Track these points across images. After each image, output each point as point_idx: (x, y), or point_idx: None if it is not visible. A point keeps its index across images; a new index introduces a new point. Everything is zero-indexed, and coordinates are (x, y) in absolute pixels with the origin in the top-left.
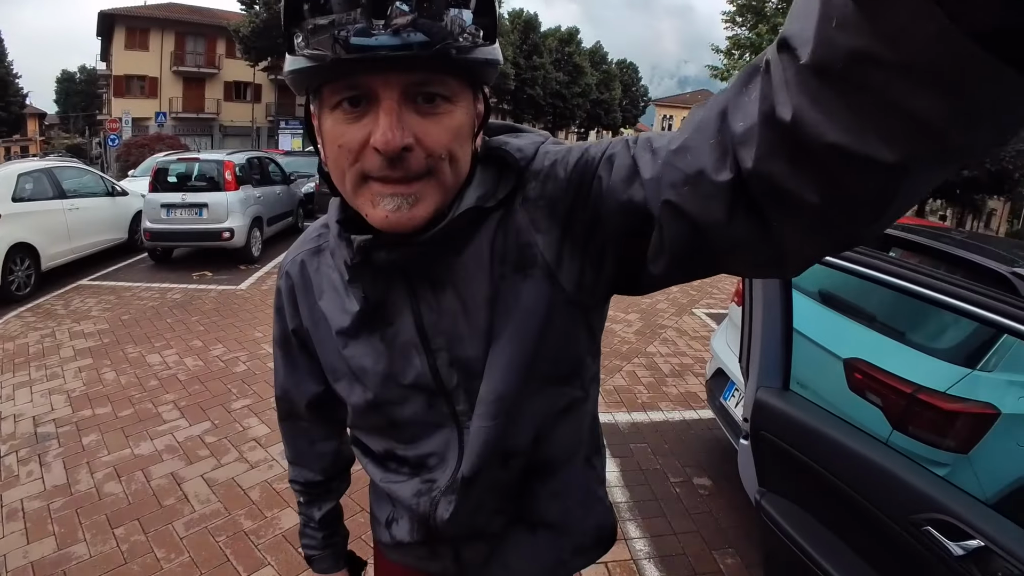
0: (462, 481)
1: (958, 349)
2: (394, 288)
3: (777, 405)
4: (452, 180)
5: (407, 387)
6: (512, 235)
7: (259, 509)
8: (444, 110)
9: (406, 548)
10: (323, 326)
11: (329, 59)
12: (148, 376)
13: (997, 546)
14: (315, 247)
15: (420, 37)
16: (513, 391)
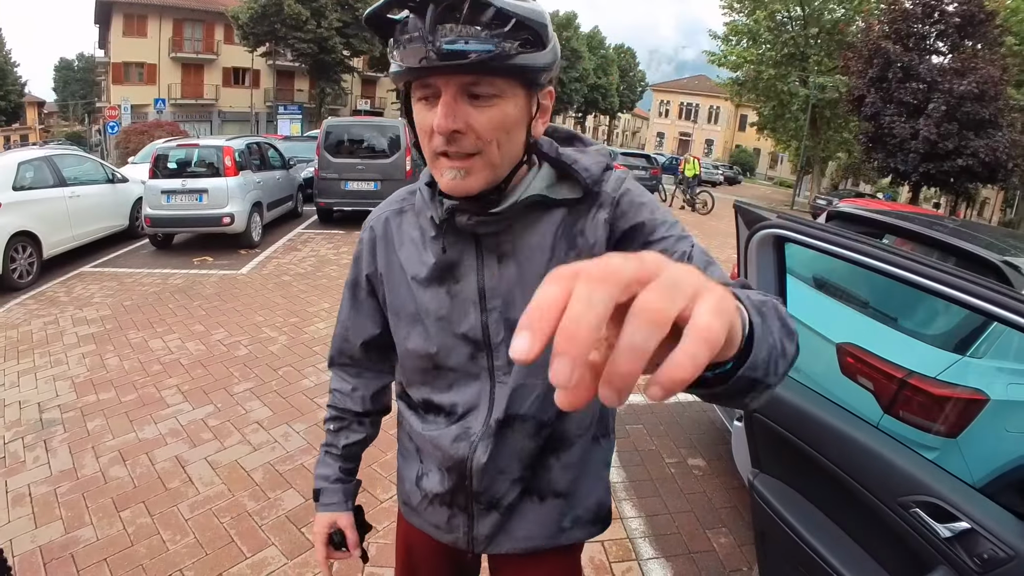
0: (496, 426)
1: (949, 336)
2: (466, 252)
3: None
4: (500, 160)
5: (459, 336)
6: (580, 233)
7: (262, 490)
8: (491, 104)
9: (430, 508)
10: (398, 272)
11: (405, 68)
12: (151, 361)
13: (983, 528)
14: (399, 208)
15: (464, 49)
16: None
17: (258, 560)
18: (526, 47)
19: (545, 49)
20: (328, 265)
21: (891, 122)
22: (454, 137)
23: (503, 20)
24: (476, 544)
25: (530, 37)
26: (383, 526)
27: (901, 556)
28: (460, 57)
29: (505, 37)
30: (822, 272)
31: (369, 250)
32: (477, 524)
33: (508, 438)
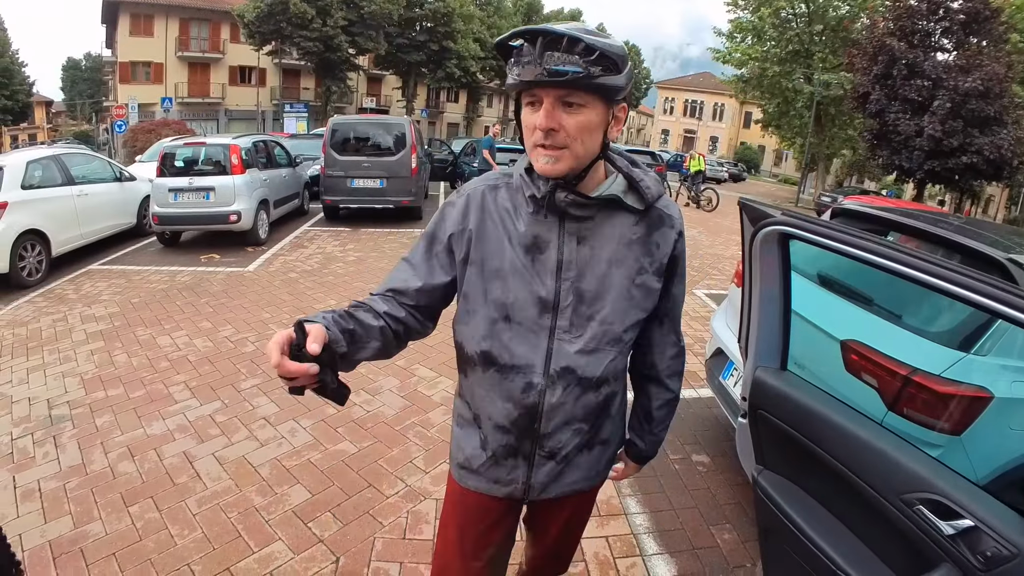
0: (557, 376)
1: (953, 333)
2: (552, 230)
3: (775, 385)
4: (582, 153)
5: (534, 296)
6: (656, 245)
7: (269, 486)
8: (578, 112)
9: (494, 466)
10: (491, 234)
11: (520, 82)
12: (159, 358)
13: (987, 526)
14: (495, 184)
15: (561, 70)
16: (618, 316)
17: (265, 555)
18: (607, 72)
19: (621, 74)
20: (334, 262)
21: (896, 119)
22: (550, 133)
23: (590, 51)
24: (531, 492)
25: (610, 65)
26: (389, 520)
27: (904, 553)
28: (558, 76)
29: (591, 64)
30: (827, 269)
31: (461, 212)
32: (535, 473)
33: (573, 391)
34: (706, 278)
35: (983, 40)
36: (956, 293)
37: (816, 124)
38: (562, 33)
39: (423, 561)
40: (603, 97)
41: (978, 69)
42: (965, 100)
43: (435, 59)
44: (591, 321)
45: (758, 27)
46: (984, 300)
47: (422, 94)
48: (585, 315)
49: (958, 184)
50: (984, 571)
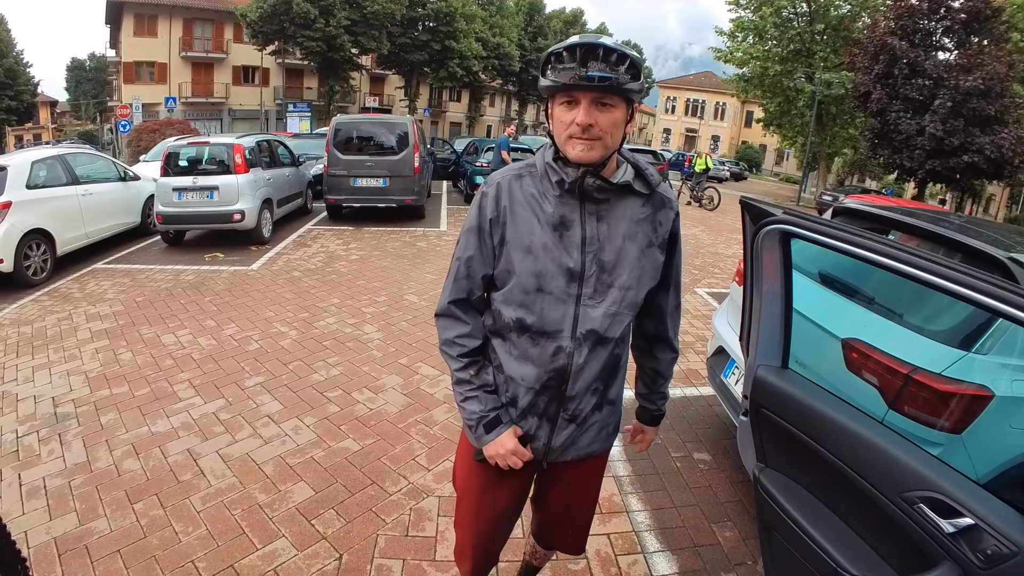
0: (583, 339)
1: (954, 332)
2: (575, 212)
3: (776, 383)
4: (611, 143)
5: (562, 267)
6: (659, 223)
7: (273, 483)
8: (610, 110)
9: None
10: (521, 216)
11: (561, 84)
12: (163, 356)
13: (987, 524)
14: (519, 174)
15: (600, 78)
16: (634, 283)
17: (268, 552)
18: (633, 78)
19: (640, 80)
20: (338, 261)
21: (897, 118)
22: (588, 128)
23: (621, 61)
24: (550, 454)
25: (635, 72)
26: (391, 518)
27: (905, 551)
28: (599, 81)
29: (623, 71)
30: (828, 268)
31: (494, 199)
32: (555, 435)
33: (596, 351)
34: (708, 277)
35: (984, 39)
36: (957, 292)
37: (817, 123)
38: (601, 44)
39: (425, 558)
40: (626, 99)
41: (979, 68)
42: (966, 99)
43: (437, 59)
44: (611, 288)
45: (760, 26)
46: (985, 299)
47: (424, 93)
48: (606, 282)
49: (959, 183)
50: (984, 569)
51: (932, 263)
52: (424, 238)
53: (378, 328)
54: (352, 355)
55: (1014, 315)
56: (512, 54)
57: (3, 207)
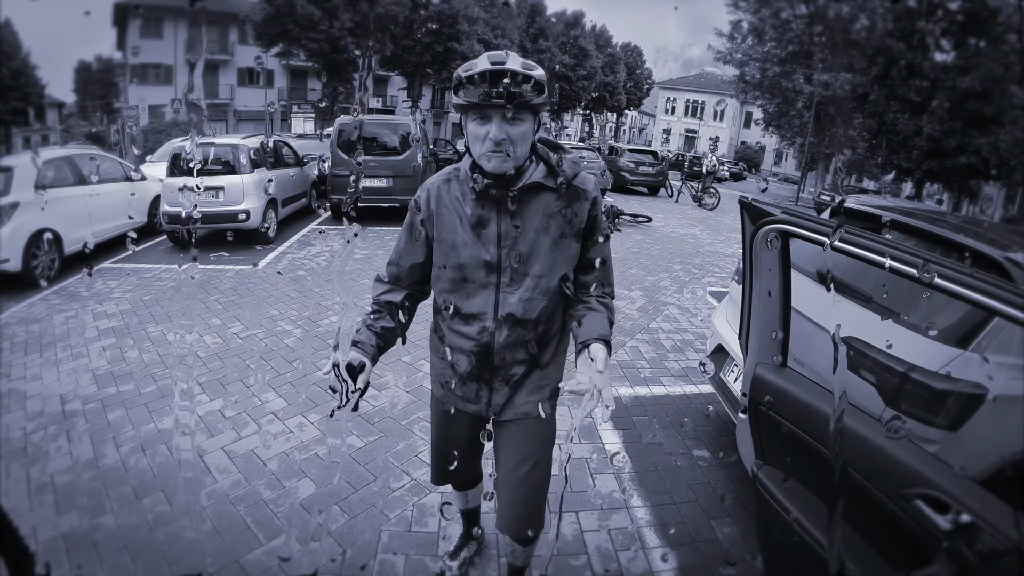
0: (503, 320)
1: (951, 330)
2: (491, 211)
3: (775, 381)
4: (521, 155)
5: (481, 261)
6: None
7: (277, 479)
8: (518, 124)
9: (462, 386)
10: (445, 217)
11: (472, 103)
12: (169, 354)
13: (983, 521)
14: (447, 178)
15: (508, 96)
16: (546, 272)
17: (273, 547)
18: (538, 94)
19: (545, 93)
20: (341, 260)
21: (895, 119)
22: (500, 142)
23: (527, 80)
24: (491, 409)
25: (540, 88)
26: (395, 513)
27: (902, 547)
28: (510, 101)
29: (528, 89)
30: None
31: (425, 203)
32: (494, 395)
33: (515, 331)
34: (707, 275)
35: (981, 41)
36: (954, 291)
37: (816, 124)
38: (507, 69)
39: (428, 554)
40: (533, 112)
41: (976, 70)
42: (963, 100)
43: (440, 60)
44: (526, 277)
45: (758, 28)
46: (982, 298)
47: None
48: (522, 272)
49: (956, 183)
50: (980, 565)
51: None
52: None
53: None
54: None
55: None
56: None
57: (11, 207)
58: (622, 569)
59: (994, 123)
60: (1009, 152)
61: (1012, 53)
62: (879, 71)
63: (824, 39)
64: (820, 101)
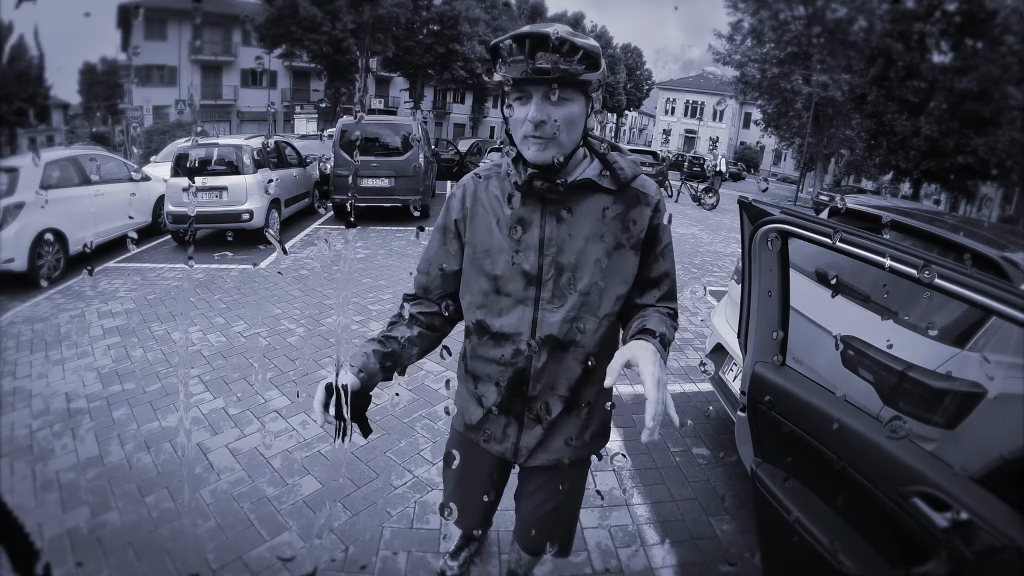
0: (541, 343)
1: (948, 329)
2: (534, 211)
3: (773, 379)
4: (567, 142)
5: (519, 270)
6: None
7: (281, 476)
8: (564, 104)
9: (489, 420)
10: (481, 217)
11: (511, 79)
12: (173, 352)
13: (980, 519)
14: (486, 174)
15: (551, 70)
16: (596, 288)
17: (276, 544)
18: (588, 69)
19: (599, 69)
20: (344, 259)
21: (893, 120)
22: (540, 125)
23: (574, 51)
24: (519, 455)
25: (590, 62)
26: (397, 510)
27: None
28: (548, 73)
29: (575, 62)
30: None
31: (460, 200)
32: (524, 435)
33: (556, 356)
34: (706, 275)
35: (979, 42)
36: (952, 290)
37: (814, 124)
38: (549, 34)
39: (430, 550)
40: (584, 91)
41: (974, 71)
42: (960, 100)
43: (442, 61)
44: (571, 292)
45: (758, 29)
46: (979, 297)
47: (429, 95)
48: (565, 287)
49: (954, 184)
50: (977, 563)
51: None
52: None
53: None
54: None
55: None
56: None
57: (17, 207)
58: (622, 566)
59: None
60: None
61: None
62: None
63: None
64: (819, 102)
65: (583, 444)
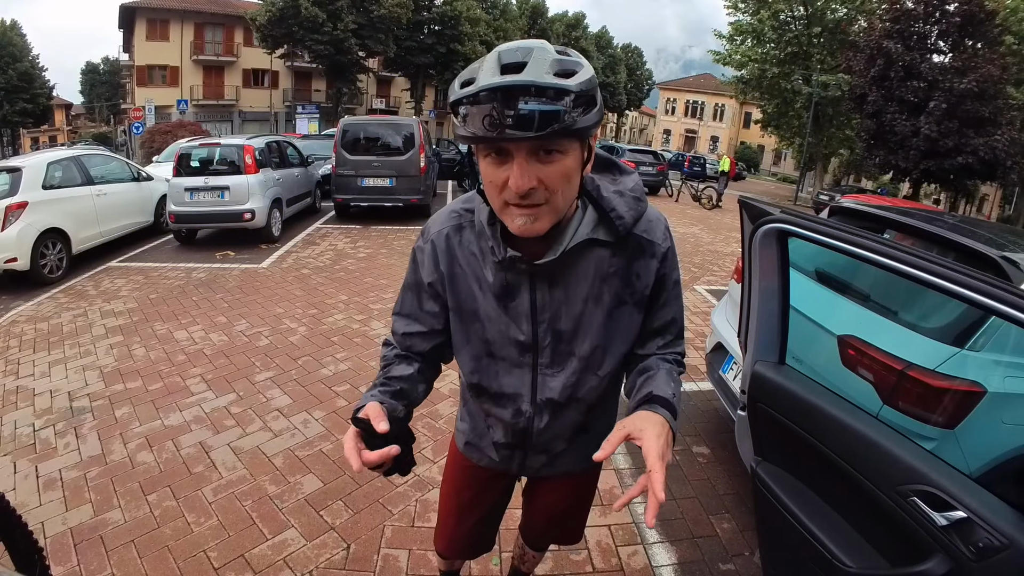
0: (544, 405)
1: (947, 329)
2: (522, 276)
3: (773, 378)
4: (563, 204)
5: (511, 339)
6: (636, 276)
7: (282, 475)
8: (558, 159)
9: (494, 449)
10: (461, 280)
11: (477, 135)
12: (176, 351)
13: (979, 518)
14: (458, 224)
15: (536, 122)
16: (598, 350)
17: (278, 542)
18: (585, 111)
19: (597, 106)
20: (345, 259)
21: (892, 120)
22: (527, 193)
23: (562, 94)
24: (525, 471)
25: (587, 99)
26: (398, 509)
27: (898, 543)
28: (528, 127)
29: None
30: (824, 266)
31: (432, 260)
32: (529, 459)
33: (559, 415)
34: (707, 274)
35: (978, 42)
36: (951, 290)
37: (814, 124)
38: (531, 84)
39: (431, 548)
40: (578, 138)
41: (973, 71)
42: (960, 101)
43: (443, 61)
44: (571, 357)
45: (758, 29)
46: (978, 297)
47: (430, 95)
48: (565, 352)
49: (953, 183)
50: (976, 561)
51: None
52: None
53: (385, 324)
54: (360, 351)
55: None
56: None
57: (19, 207)
58: (622, 564)
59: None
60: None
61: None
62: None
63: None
64: (818, 102)
65: (588, 458)
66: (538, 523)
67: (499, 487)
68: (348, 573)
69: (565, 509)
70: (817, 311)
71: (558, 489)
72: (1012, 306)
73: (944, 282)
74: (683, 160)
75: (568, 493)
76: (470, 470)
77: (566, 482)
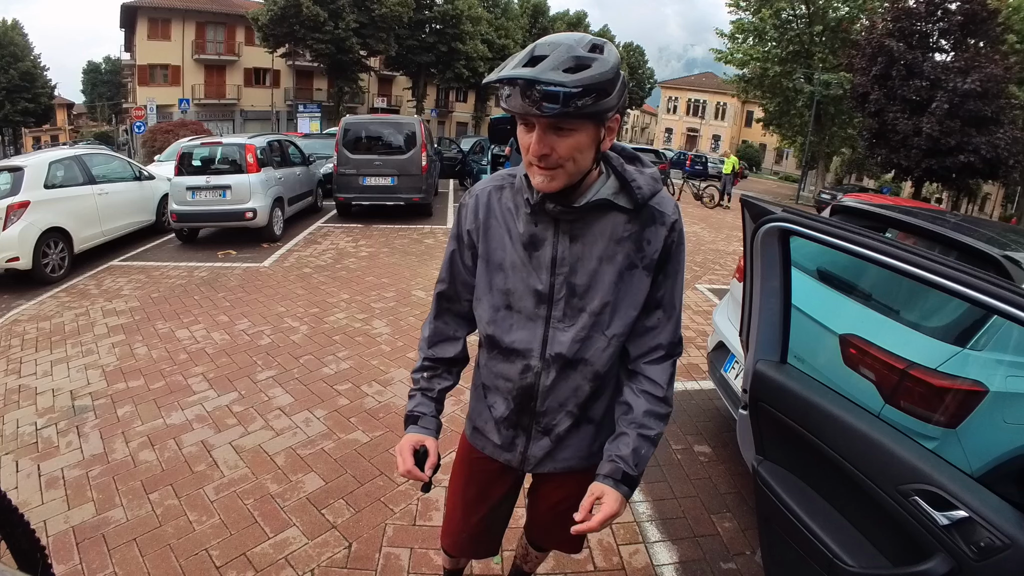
0: (552, 360)
1: (949, 328)
2: (546, 229)
3: (775, 377)
4: (575, 170)
5: (530, 288)
6: (647, 241)
7: (284, 473)
8: (570, 134)
9: (497, 430)
10: (494, 230)
11: (511, 109)
12: (178, 350)
13: (980, 517)
14: (500, 184)
15: (553, 107)
16: (607, 308)
17: (280, 540)
18: (597, 99)
19: (611, 96)
20: (347, 257)
21: (894, 119)
22: (544, 156)
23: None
24: (527, 463)
25: (599, 90)
26: (400, 507)
27: (900, 542)
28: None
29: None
30: (826, 265)
31: (472, 211)
32: (532, 446)
33: (565, 374)
34: (708, 273)
35: (980, 41)
36: (953, 289)
37: (816, 123)
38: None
39: (432, 547)
40: (593, 120)
41: (976, 70)
42: (963, 100)
43: (444, 60)
44: (582, 312)
45: (759, 28)
46: (980, 296)
47: (432, 94)
48: (577, 307)
49: (955, 182)
50: (977, 561)
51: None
52: (431, 235)
53: (387, 323)
54: (361, 349)
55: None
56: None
57: (21, 206)
58: (623, 563)
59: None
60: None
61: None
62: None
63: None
64: (820, 100)
65: (591, 454)
66: (542, 522)
67: (505, 483)
68: (349, 572)
69: (569, 507)
70: (819, 310)
71: (562, 487)
72: (1014, 305)
73: (946, 281)
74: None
75: (572, 491)
76: (476, 463)
77: (569, 479)
